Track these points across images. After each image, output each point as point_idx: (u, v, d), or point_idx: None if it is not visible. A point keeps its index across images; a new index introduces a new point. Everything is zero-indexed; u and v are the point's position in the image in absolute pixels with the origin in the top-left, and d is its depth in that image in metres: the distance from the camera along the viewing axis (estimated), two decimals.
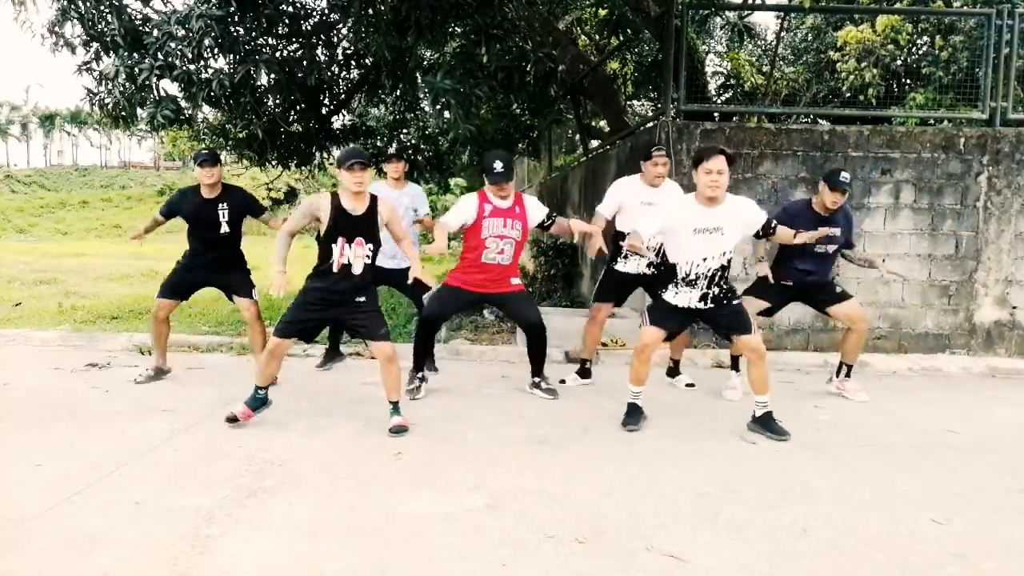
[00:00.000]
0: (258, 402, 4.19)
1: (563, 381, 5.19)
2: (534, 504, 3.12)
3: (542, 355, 4.88)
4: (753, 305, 4.74)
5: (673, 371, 5.37)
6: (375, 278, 5.43)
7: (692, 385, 5.21)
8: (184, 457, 3.63)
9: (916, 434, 4.28)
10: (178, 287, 5.06)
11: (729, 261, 4.07)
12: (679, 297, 4.11)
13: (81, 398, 4.70)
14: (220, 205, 4.92)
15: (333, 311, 4.15)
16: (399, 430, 4.02)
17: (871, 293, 6.46)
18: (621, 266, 5.02)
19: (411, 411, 4.25)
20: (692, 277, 4.04)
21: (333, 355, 5.69)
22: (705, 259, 4.00)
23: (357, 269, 4.05)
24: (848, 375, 5.07)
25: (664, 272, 4.23)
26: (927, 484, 3.46)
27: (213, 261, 5.00)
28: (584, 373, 5.28)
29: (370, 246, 4.08)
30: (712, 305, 4.09)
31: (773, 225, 4.17)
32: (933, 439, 4.19)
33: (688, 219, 3.97)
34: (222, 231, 4.94)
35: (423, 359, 4.89)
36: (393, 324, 7.16)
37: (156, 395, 4.77)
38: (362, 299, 4.14)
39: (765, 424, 4.14)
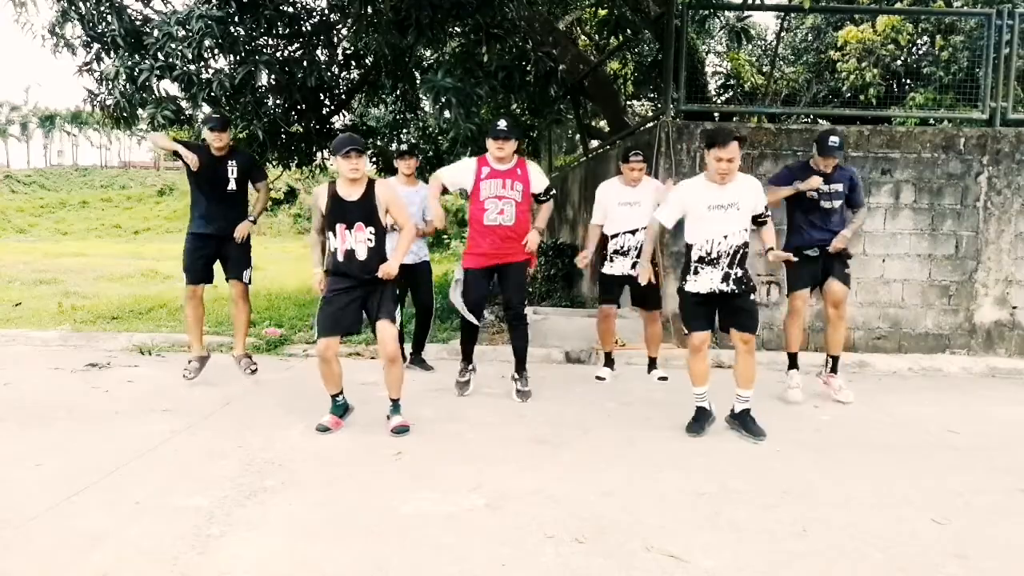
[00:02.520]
0: (340, 409, 4.19)
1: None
2: (534, 504, 3.12)
3: (521, 345, 4.85)
4: (801, 299, 4.79)
5: (651, 366, 5.62)
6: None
7: (665, 379, 5.42)
8: (184, 457, 3.64)
9: (916, 434, 4.28)
10: (199, 268, 5.10)
11: (747, 242, 4.02)
12: (700, 282, 4.02)
13: (81, 398, 4.70)
14: (229, 162, 5.07)
15: (358, 291, 4.05)
16: (401, 430, 4.02)
17: (871, 293, 6.46)
18: (608, 269, 5.35)
19: (411, 411, 4.24)
20: (713, 256, 3.97)
21: None
22: (726, 236, 3.96)
23: (361, 254, 4.03)
24: (834, 369, 4.99)
25: (685, 259, 4.16)
26: (927, 484, 3.46)
27: (221, 224, 5.04)
28: (609, 363, 5.61)
29: (371, 229, 4.04)
30: (734, 287, 3.99)
31: (766, 215, 4.15)
32: (933, 439, 4.19)
33: (701, 197, 3.97)
34: (229, 187, 5.06)
35: (470, 349, 4.93)
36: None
37: (156, 395, 4.77)
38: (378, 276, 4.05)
39: (743, 421, 4.10)
